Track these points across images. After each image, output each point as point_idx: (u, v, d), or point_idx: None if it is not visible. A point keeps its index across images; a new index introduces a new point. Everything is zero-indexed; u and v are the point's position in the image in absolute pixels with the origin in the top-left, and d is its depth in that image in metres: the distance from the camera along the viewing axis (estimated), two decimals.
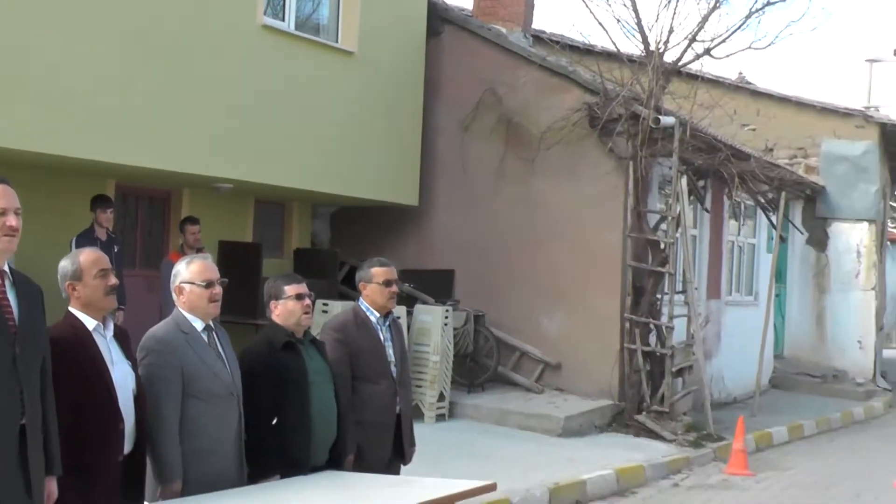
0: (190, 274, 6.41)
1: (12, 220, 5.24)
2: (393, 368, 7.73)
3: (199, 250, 13.20)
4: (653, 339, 16.67)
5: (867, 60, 37.13)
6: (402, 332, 8.18)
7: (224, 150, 14.26)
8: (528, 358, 17.25)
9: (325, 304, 14.80)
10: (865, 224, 25.99)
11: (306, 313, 7.01)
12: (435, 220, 18.06)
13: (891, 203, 55.01)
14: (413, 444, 7.99)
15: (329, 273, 16.93)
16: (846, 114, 26.63)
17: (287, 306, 6.95)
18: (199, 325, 6.40)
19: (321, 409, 6.98)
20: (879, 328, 28.57)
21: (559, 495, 11.94)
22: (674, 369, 16.45)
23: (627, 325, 16.52)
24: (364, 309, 7.75)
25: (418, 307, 16.09)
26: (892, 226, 68.27)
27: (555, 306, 17.13)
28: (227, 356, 6.53)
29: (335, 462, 7.16)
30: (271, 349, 6.85)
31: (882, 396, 24.82)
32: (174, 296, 6.47)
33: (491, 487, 6.96)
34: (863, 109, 28.48)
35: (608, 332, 16.72)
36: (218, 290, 6.45)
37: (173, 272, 6.50)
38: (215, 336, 6.50)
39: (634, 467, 13.73)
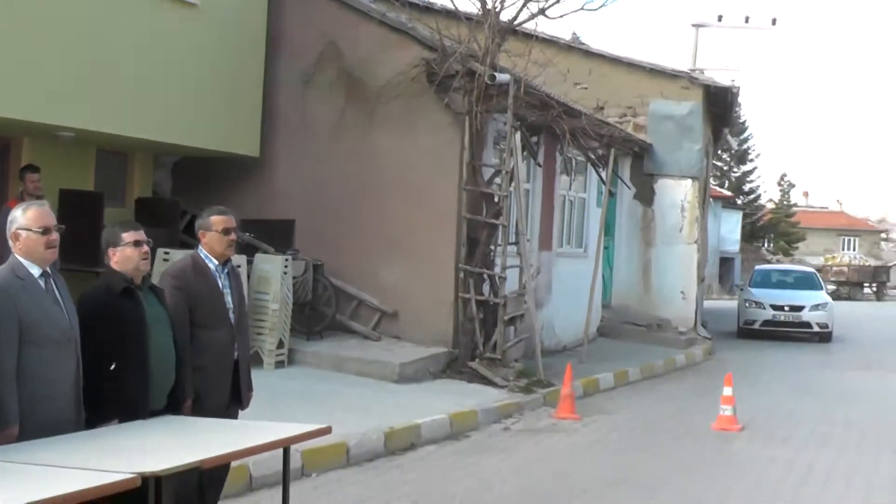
0: (26, 220, 6.24)
1: None
2: (231, 315, 7.68)
3: (38, 198, 12.86)
4: (486, 288, 16.81)
5: (693, 25, 37.92)
6: (240, 280, 8.11)
7: (65, 98, 13.90)
8: (365, 306, 17.26)
9: (166, 253, 14.58)
10: (689, 181, 26.57)
11: (144, 259, 6.90)
12: (276, 172, 17.89)
13: (713, 161, 56.43)
14: (250, 390, 7.96)
15: (170, 222, 16.68)
16: (673, 75, 27.16)
17: (125, 253, 6.82)
18: (35, 271, 6.24)
19: (159, 354, 6.89)
20: (701, 280, 29.30)
21: (394, 439, 12.01)
22: (506, 318, 16.64)
23: (462, 274, 16.62)
24: (203, 256, 7.67)
25: (258, 256, 15.97)
26: (715, 183, 70.11)
27: (392, 256, 17.15)
28: (65, 302, 6.39)
29: (173, 407, 7.09)
30: (109, 295, 6.73)
31: (702, 344, 25.48)
32: (10, 242, 6.30)
33: (325, 431, 6.96)
34: (688, 72, 29.11)
35: (443, 282, 16.82)
36: (54, 236, 6.30)
37: (9, 219, 6.33)
38: (52, 283, 6.35)
39: (467, 412, 13.87)
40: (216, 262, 7.65)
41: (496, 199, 16.82)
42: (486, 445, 12.88)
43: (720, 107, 29.28)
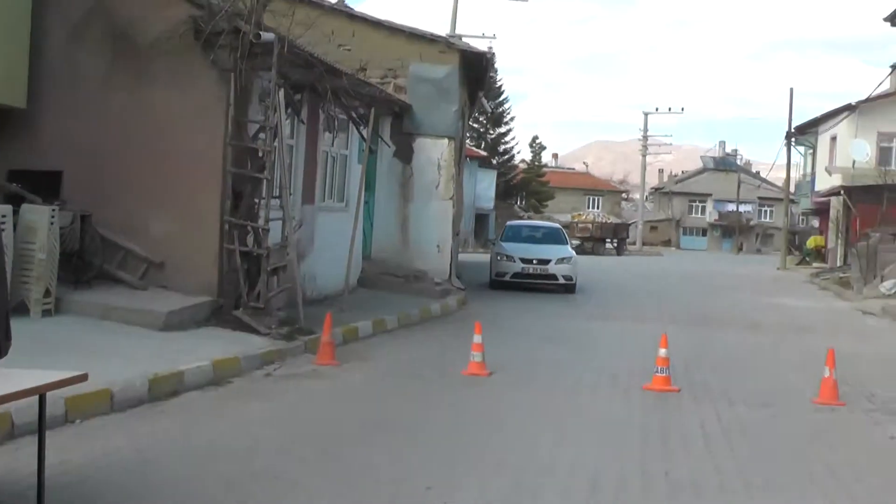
0: None
1: None
2: None
3: None
4: (250, 240, 16.63)
5: None
6: None
7: None
8: (133, 256, 16.84)
9: None
10: (446, 140, 26.86)
11: None
12: (45, 123, 17.20)
13: (470, 123, 56.95)
14: (9, 338, 7.61)
15: None
16: (432, 40, 27.37)
17: None
18: None
19: None
20: (456, 234, 29.69)
21: (157, 385, 11.77)
22: (269, 268, 16.51)
23: (227, 226, 16.41)
24: None
25: (24, 206, 15.41)
26: (472, 144, 70.86)
27: (160, 208, 16.78)
28: None
29: None
30: None
31: (456, 295, 25.83)
32: None
33: (82, 378, 6.77)
34: (446, 37, 29.35)
35: (209, 234, 16.57)
36: None
37: None
38: None
39: (230, 359, 13.72)
40: None
41: (260, 154, 16.65)
42: (248, 391, 12.77)
43: (476, 71, 29.71)
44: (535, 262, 30.83)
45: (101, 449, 9.27)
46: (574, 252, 33.51)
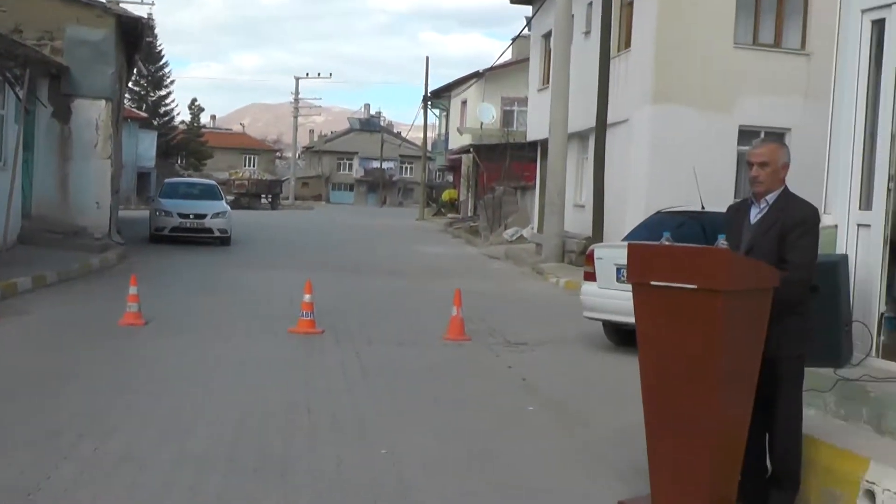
0: None
1: None
2: None
3: None
4: None
5: None
6: None
7: None
8: None
9: None
10: (103, 102, 25.96)
11: None
12: None
13: (130, 85, 55.09)
14: None
15: None
16: (88, 4, 26.37)
17: None
18: None
19: None
20: (116, 191, 28.78)
21: None
22: None
23: None
24: None
25: None
26: (133, 105, 68.69)
27: None
28: None
29: None
30: None
31: (116, 249, 25.03)
32: None
33: None
34: (104, 2, 28.21)
35: None
36: None
37: None
38: None
39: None
40: None
41: None
42: None
43: (133, 36, 28.84)
44: (191, 216, 30.36)
45: None
46: (229, 207, 33.18)
